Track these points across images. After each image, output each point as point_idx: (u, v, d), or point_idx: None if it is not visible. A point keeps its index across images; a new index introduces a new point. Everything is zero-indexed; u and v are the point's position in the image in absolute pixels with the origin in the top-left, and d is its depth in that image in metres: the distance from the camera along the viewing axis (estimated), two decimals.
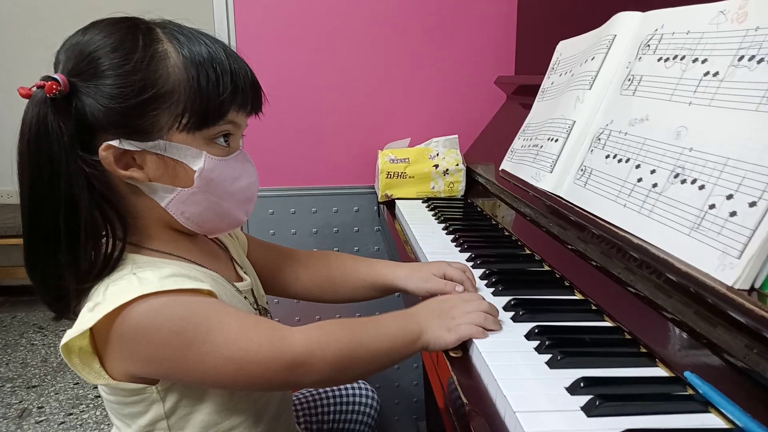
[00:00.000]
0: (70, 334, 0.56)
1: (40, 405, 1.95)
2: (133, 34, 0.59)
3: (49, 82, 0.55)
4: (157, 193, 0.62)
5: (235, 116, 0.63)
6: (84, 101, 0.57)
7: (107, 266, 0.59)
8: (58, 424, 1.85)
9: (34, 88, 0.56)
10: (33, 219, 0.58)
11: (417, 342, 0.63)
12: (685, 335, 0.56)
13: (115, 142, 0.58)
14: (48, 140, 0.56)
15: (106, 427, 1.83)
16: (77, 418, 1.88)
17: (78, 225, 0.58)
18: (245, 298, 0.72)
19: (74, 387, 2.06)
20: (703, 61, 0.62)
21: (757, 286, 0.49)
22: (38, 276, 0.60)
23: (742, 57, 0.57)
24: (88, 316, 0.56)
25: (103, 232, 0.60)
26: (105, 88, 0.57)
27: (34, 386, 2.06)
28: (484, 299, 0.68)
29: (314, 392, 0.98)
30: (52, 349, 2.34)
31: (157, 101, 0.58)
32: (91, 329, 0.57)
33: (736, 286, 0.49)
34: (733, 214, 0.51)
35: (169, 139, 0.60)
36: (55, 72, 0.58)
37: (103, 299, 0.56)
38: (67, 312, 0.62)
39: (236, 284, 0.71)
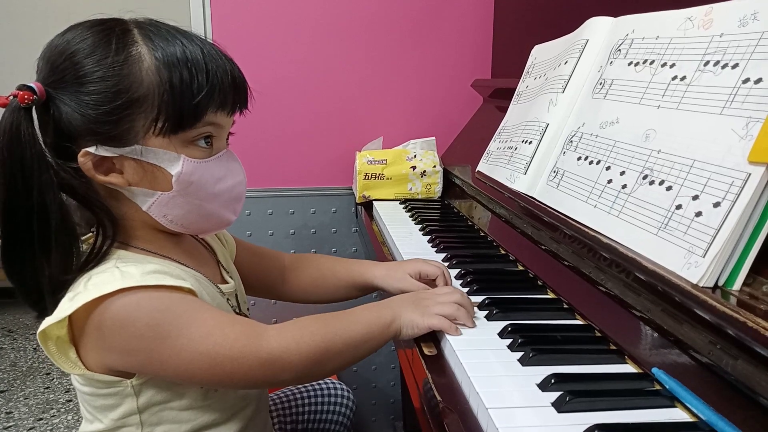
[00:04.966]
0: (47, 321, 0.57)
1: (8, 410, 1.90)
2: (106, 38, 0.58)
3: (22, 92, 0.55)
4: (137, 197, 0.62)
5: (214, 117, 0.62)
6: (61, 108, 0.57)
7: (92, 260, 0.60)
8: (27, 429, 1.80)
9: (11, 97, 0.56)
10: (8, 223, 0.58)
11: (391, 327, 0.64)
12: (653, 332, 0.57)
13: (92, 149, 0.58)
14: (20, 148, 0.56)
15: None
16: (47, 423, 1.84)
17: (49, 231, 0.58)
18: (227, 300, 0.72)
19: (45, 391, 2.01)
20: (672, 66, 0.64)
21: (720, 283, 0.50)
22: (16, 277, 0.60)
23: (707, 62, 0.59)
24: (68, 305, 0.56)
25: (92, 229, 0.61)
26: (79, 96, 0.57)
27: (2, 391, 2.01)
28: (458, 290, 0.69)
29: (288, 392, 0.98)
30: (21, 353, 2.29)
31: (131, 106, 0.57)
32: (69, 318, 0.57)
33: (701, 284, 0.50)
34: (698, 214, 0.53)
35: (146, 144, 0.59)
36: (37, 79, 0.58)
37: (84, 289, 0.56)
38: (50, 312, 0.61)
39: (220, 286, 0.71)
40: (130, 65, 0.57)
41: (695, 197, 0.54)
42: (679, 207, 0.55)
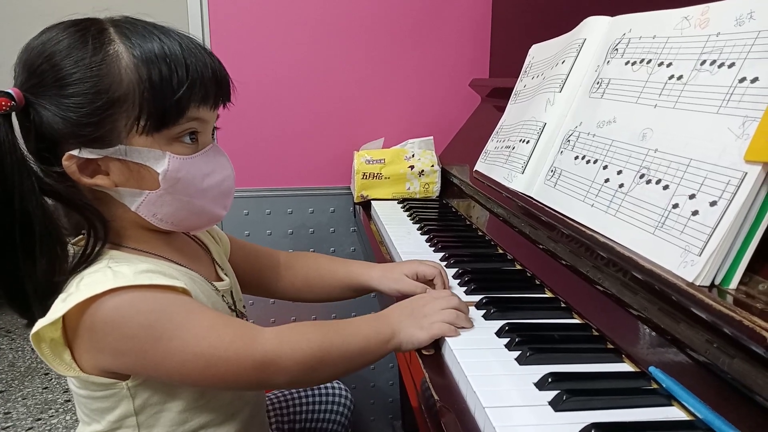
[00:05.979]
0: (41, 323, 0.56)
1: (6, 411, 1.90)
2: (82, 39, 0.57)
3: (0, 99, 0.54)
4: (125, 197, 0.61)
5: (197, 112, 0.61)
6: (41, 113, 0.56)
7: (84, 262, 0.59)
8: (25, 430, 1.80)
9: None
10: None
11: (389, 343, 0.64)
12: (650, 331, 0.57)
13: (75, 152, 0.57)
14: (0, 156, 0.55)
15: None
16: (46, 423, 1.84)
17: (33, 239, 0.57)
18: (222, 297, 0.71)
19: (43, 392, 2.01)
20: (668, 65, 0.64)
21: (717, 282, 0.51)
22: (1, 285, 0.60)
23: (704, 61, 0.59)
24: (60, 305, 0.56)
25: (82, 231, 0.60)
26: (59, 99, 0.56)
27: (0, 391, 2.01)
28: (455, 295, 0.69)
29: (286, 392, 0.98)
30: (19, 353, 2.28)
31: (112, 106, 0.57)
32: (63, 320, 0.56)
33: (697, 283, 0.50)
34: (695, 213, 0.53)
35: (129, 143, 0.58)
36: (15, 84, 0.57)
37: (76, 289, 0.56)
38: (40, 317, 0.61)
39: (215, 284, 0.71)
40: (109, 64, 0.56)
41: (692, 196, 0.54)
42: (675, 206, 0.55)
